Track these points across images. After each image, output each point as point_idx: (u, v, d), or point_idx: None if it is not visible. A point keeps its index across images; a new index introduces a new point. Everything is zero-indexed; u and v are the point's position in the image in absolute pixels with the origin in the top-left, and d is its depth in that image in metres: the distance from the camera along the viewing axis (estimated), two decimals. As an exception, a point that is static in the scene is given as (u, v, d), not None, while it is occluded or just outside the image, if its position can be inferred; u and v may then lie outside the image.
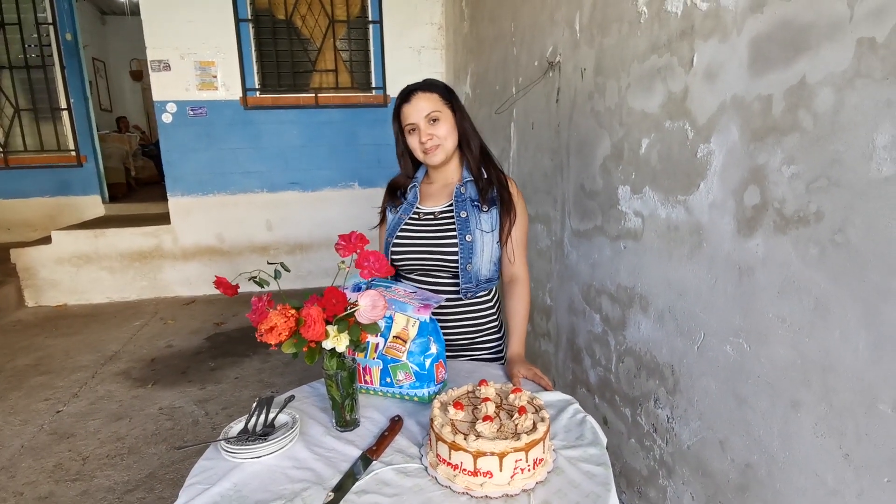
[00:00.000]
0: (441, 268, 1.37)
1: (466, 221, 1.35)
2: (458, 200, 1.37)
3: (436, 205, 1.41)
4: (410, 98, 1.35)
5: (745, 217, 1.22)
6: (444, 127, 1.34)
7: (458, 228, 1.34)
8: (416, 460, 0.97)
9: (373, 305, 0.93)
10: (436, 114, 1.33)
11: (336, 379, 1.04)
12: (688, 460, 1.51)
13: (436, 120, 1.33)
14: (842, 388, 1.01)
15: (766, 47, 1.13)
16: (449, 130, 1.35)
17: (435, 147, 1.34)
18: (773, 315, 1.16)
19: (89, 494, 2.05)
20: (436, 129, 1.33)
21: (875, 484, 0.96)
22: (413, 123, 1.34)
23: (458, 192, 1.38)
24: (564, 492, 0.88)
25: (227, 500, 0.88)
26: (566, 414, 1.10)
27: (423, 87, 1.37)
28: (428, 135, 1.33)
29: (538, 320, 2.65)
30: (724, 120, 1.27)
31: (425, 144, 1.33)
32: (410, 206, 1.42)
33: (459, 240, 1.34)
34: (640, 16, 1.59)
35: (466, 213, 1.35)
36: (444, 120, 1.34)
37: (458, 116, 1.38)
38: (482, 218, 1.36)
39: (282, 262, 1.08)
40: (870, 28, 0.91)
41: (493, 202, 1.37)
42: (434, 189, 1.44)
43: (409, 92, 1.36)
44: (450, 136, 1.35)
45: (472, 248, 1.35)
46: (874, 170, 0.92)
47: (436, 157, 1.35)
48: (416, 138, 1.34)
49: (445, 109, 1.36)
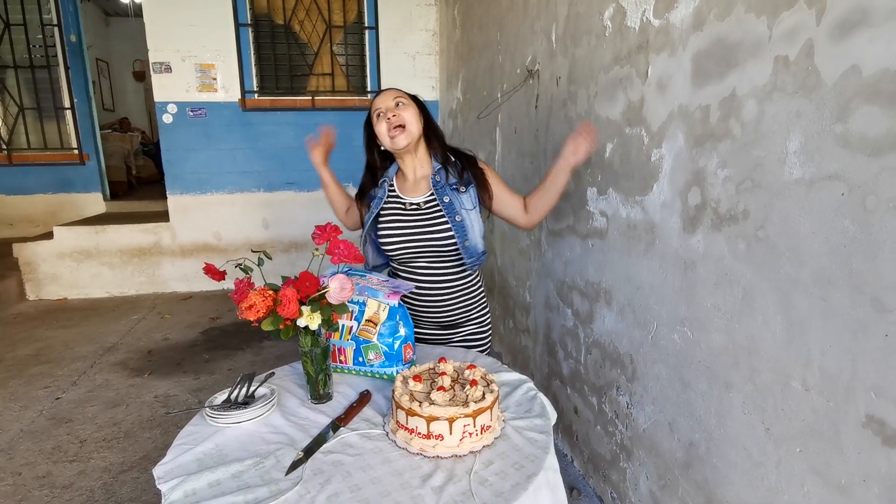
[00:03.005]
0: (437, 252, 1.50)
1: (451, 205, 1.48)
2: (438, 188, 1.50)
3: (418, 195, 1.53)
4: (380, 93, 1.53)
5: (689, 216, 1.34)
6: (409, 112, 1.47)
7: (446, 212, 1.48)
8: (379, 427, 1.09)
9: (341, 287, 1.05)
10: (400, 100, 1.48)
11: (311, 355, 1.15)
12: (643, 443, 1.62)
13: (400, 104, 1.48)
14: (763, 369, 1.13)
15: (705, 62, 1.25)
16: (413, 116, 1.47)
17: (400, 128, 1.45)
18: (711, 304, 1.28)
19: (85, 474, 2.16)
20: (401, 111, 1.46)
21: (790, 454, 1.08)
22: (380, 108, 1.48)
23: (434, 181, 1.51)
24: (507, 454, 0.99)
25: (208, 458, 1.00)
26: (520, 391, 1.22)
27: (392, 87, 1.57)
28: (393, 113, 1.45)
29: (519, 317, 2.76)
30: (673, 127, 1.39)
31: (391, 122, 1.45)
32: (380, 200, 1.54)
33: (450, 222, 1.48)
34: (605, 29, 1.72)
35: (448, 197, 1.49)
36: (408, 106, 1.48)
37: (422, 112, 1.52)
38: (463, 199, 1.49)
39: (265, 251, 1.20)
40: (784, 47, 1.03)
41: (469, 182, 1.51)
42: (410, 183, 1.55)
43: (380, 91, 1.59)
44: (414, 122, 1.47)
45: (463, 227, 1.49)
46: (787, 173, 1.04)
47: (400, 140, 1.46)
48: (384, 123, 1.46)
49: (410, 102, 1.50)
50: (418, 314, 1.57)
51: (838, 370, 0.96)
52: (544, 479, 0.93)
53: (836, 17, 0.92)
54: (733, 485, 1.24)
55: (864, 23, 0.87)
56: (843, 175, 0.92)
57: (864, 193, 0.89)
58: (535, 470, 0.94)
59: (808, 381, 1.02)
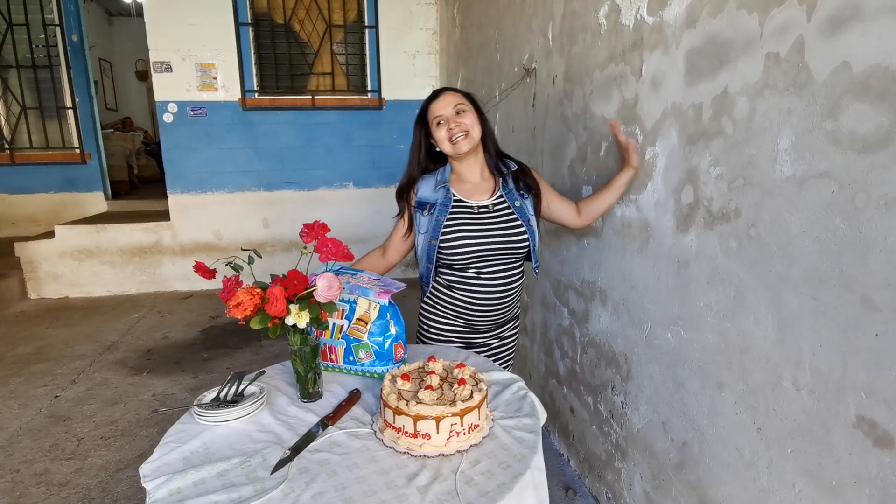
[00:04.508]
0: (504, 255, 1.49)
1: (522, 210, 1.50)
2: (507, 192, 1.51)
3: (483, 198, 1.51)
4: (438, 96, 1.49)
5: (682, 214, 1.33)
6: (469, 117, 1.46)
7: (521, 217, 1.49)
8: (367, 426, 1.08)
9: (329, 286, 1.04)
10: (461, 106, 1.46)
11: (300, 354, 1.15)
12: (637, 443, 1.61)
13: (462, 111, 1.46)
14: (755, 368, 1.12)
15: (698, 60, 1.24)
16: (474, 121, 1.46)
17: (463, 134, 1.44)
18: (703, 304, 1.27)
19: (83, 472, 2.17)
20: (463, 118, 1.45)
21: (781, 454, 1.07)
22: (441, 115, 1.46)
23: (504, 185, 1.52)
24: (495, 453, 0.99)
25: (195, 456, 1.00)
26: (510, 390, 1.21)
27: (451, 88, 1.52)
28: (456, 122, 1.44)
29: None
30: (667, 125, 1.38)
31: (453, 132, 1.44)
32: (445, 205, 1.47)
33: (526, 227, 1.49)
34: (600, 27, 1.71)
35: (519, 202, 1.51)
36: (469, 112, 1.47)
37: (480, 116, 1.50)
38: (527, 203, 1.53)
39: (255, 249, 1.19)
40: (775, 44, 1.02)
41: (530, 189, 1.53)
42: (470, 186, 1.52)
43: (437, 92, 1.51)
44: (475, 127, 1.46)
45: (534, 232, 1.52)
46: (778, 170, 1.03)
47: (463, 145, 1.45)
48: (444, 129, 1.45)
49: (469, 106, 1.48)
50: (477, 315, 1.54)
51: (829, 370, 0.95)
52: (530, 479, 0.93)
53: (826, 13, 0.91)
54: (726, 485, 1.23)
55: (855, 18, 0.86)
56: (833, 173, 0.91)
57: (855, 191, 0.88)
58: (522, 469, 0.93)
59: (799, 381, 1.01)
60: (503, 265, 1.50)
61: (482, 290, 1.50)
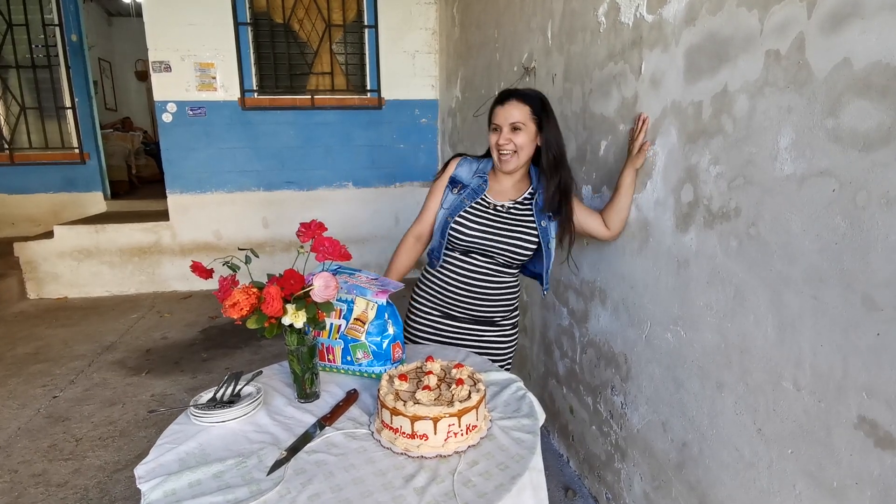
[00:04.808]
0: (500, 256, 1.51)
1: (546, 230, 1.51)
2: (537, 210, 1.51)
3: (504, 200, 1.54)
4: (505, 102, 1.47)
5: (682, 213, 1.32)
6: (522, 137, 1.45)
7: (542, 236, 1.50)
8: (365, 427, 1.07)
9: (325, 285, 1.04)
10: (520, 124, 1.44)
11: (297, 354, 1.14)
12: (637, 443, 1.60)
13: (518, 129, 1.44)
14: (755, 369, 1.11)
15: (698, 57, 1.23)
16: (526, 142, 1.46)
17: (511, 154, 1.46)
18: (703, 303, 1.26)
19: (81, 472, 2.16)
20: (515, 137, 1.45)
21: (782, 455, 1.06)
22: (498, 125, 1.47)
23: (536, 203, 1.52)
24: (493, 454, 0.98)
25: (191, 457, 0.99)
26: (508, 390, 1.20)
27: (520, 96, 1.47)
28: (507, 139, 1.45)
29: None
30: (666, 124, 1.37)
31: (502, 148, 1.45)
32: (475, 192, 1.53)
33: (544, 247, 1.51)
34: (600, 25, 1.70)
35: (545, 222, 1.51)
36: (525, 132, 1.45)
37: (544, 130, 1.47)
38: (551, 227, 1.52)
39: (251, 249, 1.19)
40: (775, 41, 1.01)
41: (559, 214, 1.51)
42: (501, 186, 1.55)
43: (507, 96, 1.48)
44: (525, 148, 1.46)
45: (551, 254, 1.53)
46: (778, 169, 1.02)
47: (508, 165, 1.47)
48: (496, 138, 1.47)
49: (531, 124, 1.46)
50: (454, 304, 1.57)
51: (830, 370, 0.94)
52: (528, 480, 0.92)
53: (827, 10, 0.90)
54: (725, 486, 1.23)
55: (856, 15, 0.85)
56: (833, 171, 0.90)
57: (856, 189, 0.87)
58: (520, 471, 0.93)
59: (800, 381, 1.00)
60: (496, 265, 1.53)
61: (466, 277, 1.54)
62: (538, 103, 1.47)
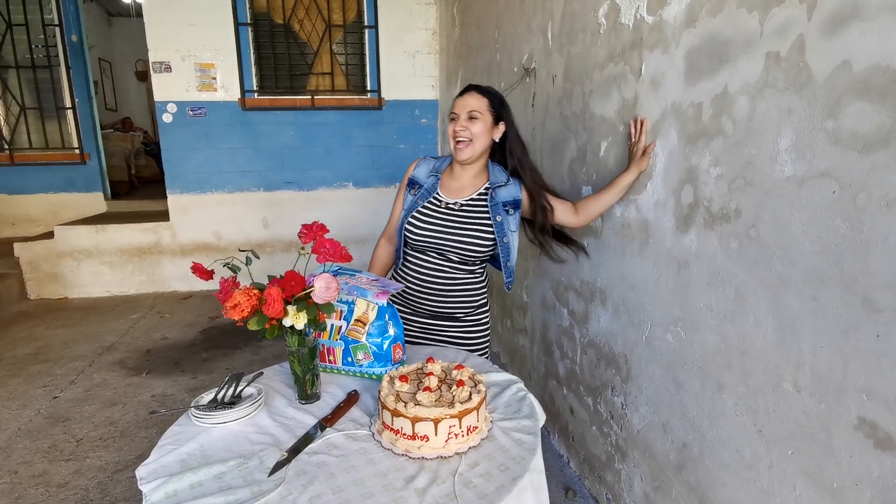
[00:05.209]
0: (455, 253, 1.52)
1: (501, 225, 1.50)
2: (493, 205, 1.51)
3: (456, 198, 1.54)
4: (464, 94, 1.51)
5: (682, 215, 1.33)
6: (478, 126, 1.47)
7: (497, 232, 1.50)
8: (365, 428, 1.08)
9: (326, 287, 1.04)
10: (476, 113, 1.47)
11: (298, 355, 1.14)
12: (637, 444, 1.60)
13: (474, 118, 1.47)
14: (755, 370, 1.11)
15: (698, 59, 1.23)
16: (482, 132, 1.47)
17: (467, 142, 1.47)
18: (703, 305, 1.26)
19: (81, 473, 2.16)
20: (471, 125, 1.47)
21: (782, 456, 1.06)
22: (456, 113, 1.49)
23: (492, 197, 1.52)
24: (493, 455, 0.98)
25: (192, 458, 0.99)
26: (509, 391, 1.21)
27: (479, 89, 1.52)
28: (463, 126, 1.47)
29: (516, 316, 2.75)
30: (666, 125, 1.37)
31: (458, 135, 1.47)
32: (428, 192, 1.56)
33: (499, 242, 1.51)
34: (600, 26, 1.70)
35: (501, 217, 1.50)
36: (482, 122, 1.47)
37: (499, 126, 1.51)
38: (510, 221, 1.52)
39: (252, 250, 1.19)
40: (775, 43, 1.01)
41: (518, 207, 1.53)
42: (456, 185, 1.56)
43: (467, 88, 1.53)
44: (481, 138, 1.48)
45: (508, 248, 1.53)
46: (778, 170, 1.02)
47: (463, 154, 1.48)
48: (453, 126, 1.49)
49: (488, 115, 1.48)
50: (416, 301, 1.60)
51: (829, 371, 0.94)
52: (529, 481, 0.92)
53: (827, 12, 0.90)
54: (726, 487, 1.23)
55: (855, 17, 0.85)
56: (834, 172, 0.91)
57: (855, 191, 0.87)
58: (521, 472, 0.93)
59: (800, 383, 1.00)
60: (451, 263, 1.54)
61: (423, 275, 1.56)
62: (497, 100, 1.51)
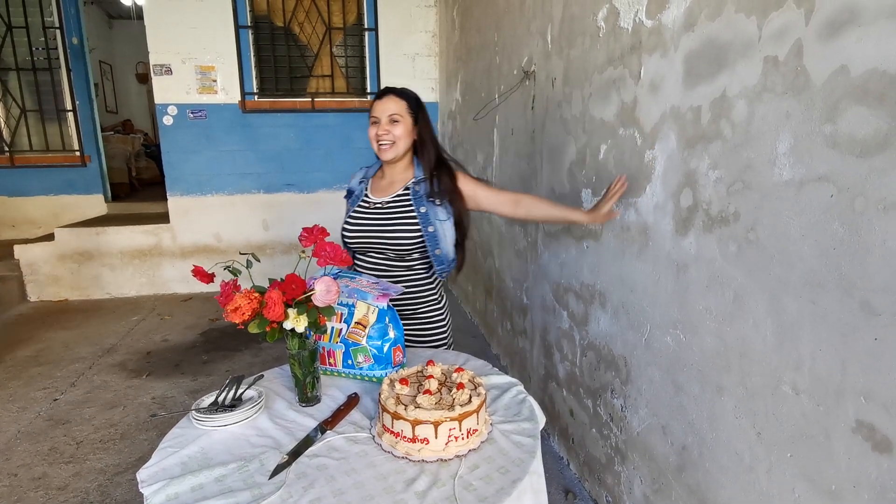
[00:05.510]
0: (390, 250, 1.54)
1: (426, 215, 1.53)
2: (416, 198, 1.54)
3: (384, 196, 1.58)
4: (383, 97, 1.55)
5: (681, 218, 1.33)
6: (399, 128, 1.52)
7: (421, 222, 1.52)
8: (366, 431, 1.08)
9: (327, 290, 1.04)
10: (397, 116, 1.51)
11: (298, 358, 1.14)
12: (637, 446, 1.61)
13: (396, 121, 1.51)
14: (754, 373, 1.12)
15: (697, 63, 1.24)
16: (404, 134, 1.52)
17: (389, 144, 1.52)
18: (702, 307, 1.27)
19: (81, 476, 2.16)
20: (393, 128, 1.51)
21: (781, 459, 1.07)
22: (376, 117, 1.53)
23: (414, 191, 1.55)
24: (493, 457, 0.98)
25: (193, 461, 0.99)
26: (509, 394, 1.21)
27: (397, 92, 1.56)
28: (385, 129, 1.51)
29: (516, 318, 2.75)
30: (665, 128, 1.38)
31: (381, 138, 1.52)
32: (358, 197, 1.63)
33: (423, 231, 1.52)
34: (599, 30, 1.71)
35: (425, 207, 1.53)
36: (402, 124, 1.52)
37: (419, 126, 1.56)
38: (438, 210, 1.54)
39: (253, 253, 1.19)
40: (774, 47, 1.02)
41: (444, 196, 1.55)
42: (384, 184, 1.62)
43: (384, 92, 1.56)
44: (403, 139, 1.53)
45: (435, 237, 1.53)
46: (776, 174, 1.03)
47: (387, 154, 1.53)
48: (375, 130, 1.53)
49: (408, 117, 1.53)
50: None
51: (828, 374, 0.94)
52: (528, 484, 0.92)
53: (824, 17, 0.91)
54: (725, 489, 1.23)
55: (853, 22, 0.86)
56: (832, 176, 0.91)
57: (853, 195, 0.88)
58: (521, 475, 0.93)
59: (799, 385, 1.01)
60: (389, 260, 1.57)
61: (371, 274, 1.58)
62: (413, 100, 1.56)
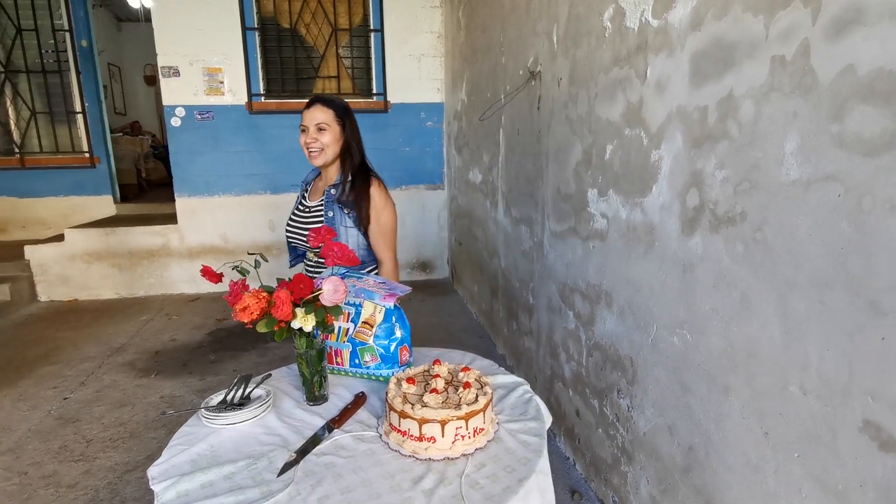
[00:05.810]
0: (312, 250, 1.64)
1: (333, 220, 1.63)
2: (328, 201, 1.64)
3: (313, 200, 1.71)
4: (311, 106, 1.63)
5: (688, 218, 1.33)
6: (327, 136, 1.61)
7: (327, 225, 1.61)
8: (373, 430, 1.09)
9: (334, 290, 1.05)
10: (324, 125, 1.60)
11: (306, 357, 1.15)
12: (644, 447, 1.61)
13: (322, 130, 1.60)
14: (762, 373, 1.11)
15: (703, 62, 1.24)
16: (332, 141, 1.62)
17: (318, 151, 1.61)
18: (709, 307, 1.26)
19: (91, 473, 2.19)
20: (320, 136, 1.60)
21: (788, 459, 1.07)
22: (305, 126, 1.62)
23: (329, 194, 1.65)
24: (500, 456, 0.99)
25: (202, 459, 1.01)
26: (515, 393, 1.21)
27: (324, 101, 1.64)
28: (313, 138, 1.61)
29: (522, 319, 2.75)
30: (671, 128, 1.38)
31: (310, 146, 1.61)
32: (297, 202, 1.77)
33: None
34: (605, 30, 1.71)
35: (332, 212, 1.63)
36: (330, 132, 1.61)
37: (346, 133, 1.65)
38: (345, 217, 1.63)
39: (261, 253, 1.20)
40: (780, 47, 1.02)
41: (350, 203, 1.63)
42: (320, 186, 1.72)
43: (313, 101, 1.64)
44: (331, 146, 1.62)
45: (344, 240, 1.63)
46: (784, 174, 1.03)
47: (317, 161, 1.64)
48: (304, 138, 1.63)
49: (335, 125, 1.62)
50: None
51: (836, 374, 0.94)
52: (535, 483, 0.93)
53: (831, 16, 0.91)
54: (732, 489, 1.23)
55: (859, 21, 0.86)
56: (839, 176, 0.91)
57: (861, 194, 0.87)
58: (527, 473, 0.93)
59: (806, 385, 1.01)
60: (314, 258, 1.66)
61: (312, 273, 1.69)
62: (341, 109, 1.64)
